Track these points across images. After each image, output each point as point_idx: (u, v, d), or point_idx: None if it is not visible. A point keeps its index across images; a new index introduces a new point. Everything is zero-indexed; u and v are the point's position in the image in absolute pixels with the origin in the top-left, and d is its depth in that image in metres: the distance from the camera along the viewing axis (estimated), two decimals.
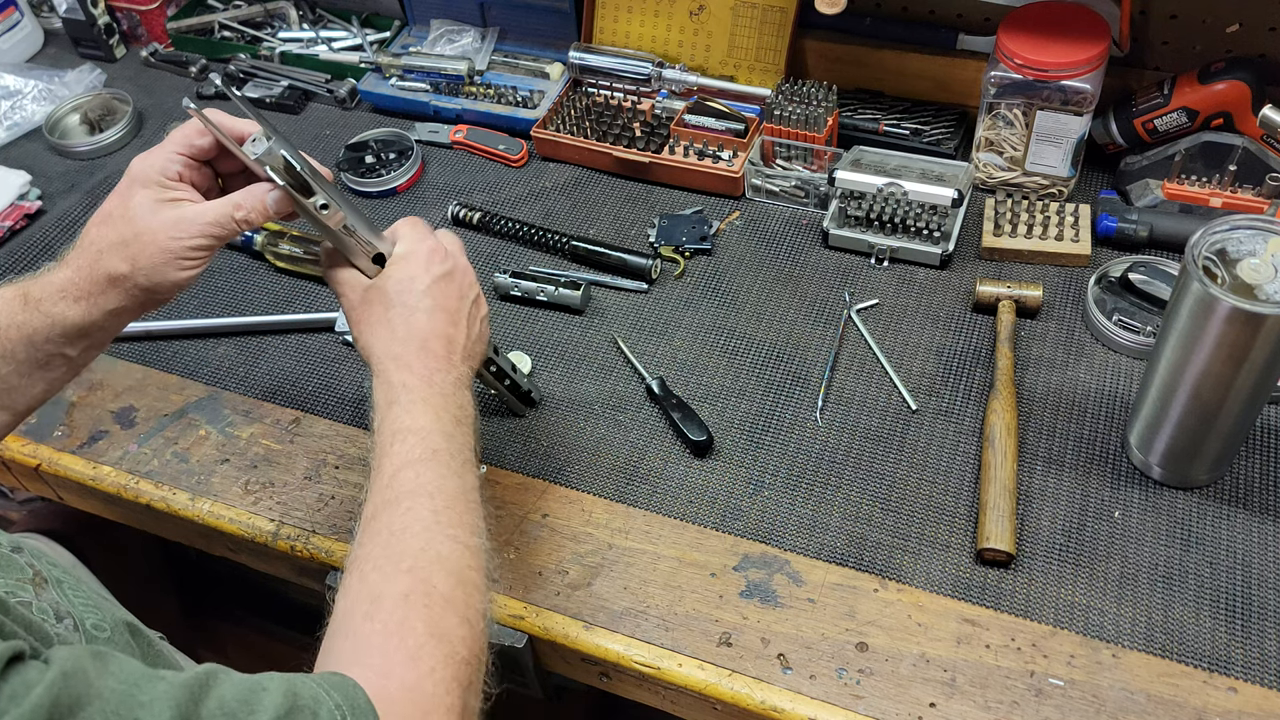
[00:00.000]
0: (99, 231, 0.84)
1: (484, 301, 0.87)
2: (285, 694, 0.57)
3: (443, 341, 0.81)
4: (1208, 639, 0.86)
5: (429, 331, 0.80)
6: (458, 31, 1.50)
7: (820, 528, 0.96)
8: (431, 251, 0.83)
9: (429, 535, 0.71)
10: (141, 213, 0.82)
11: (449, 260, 0.84)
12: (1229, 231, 0.84)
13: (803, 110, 1.23)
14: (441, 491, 0.74)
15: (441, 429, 0.77)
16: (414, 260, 0.82)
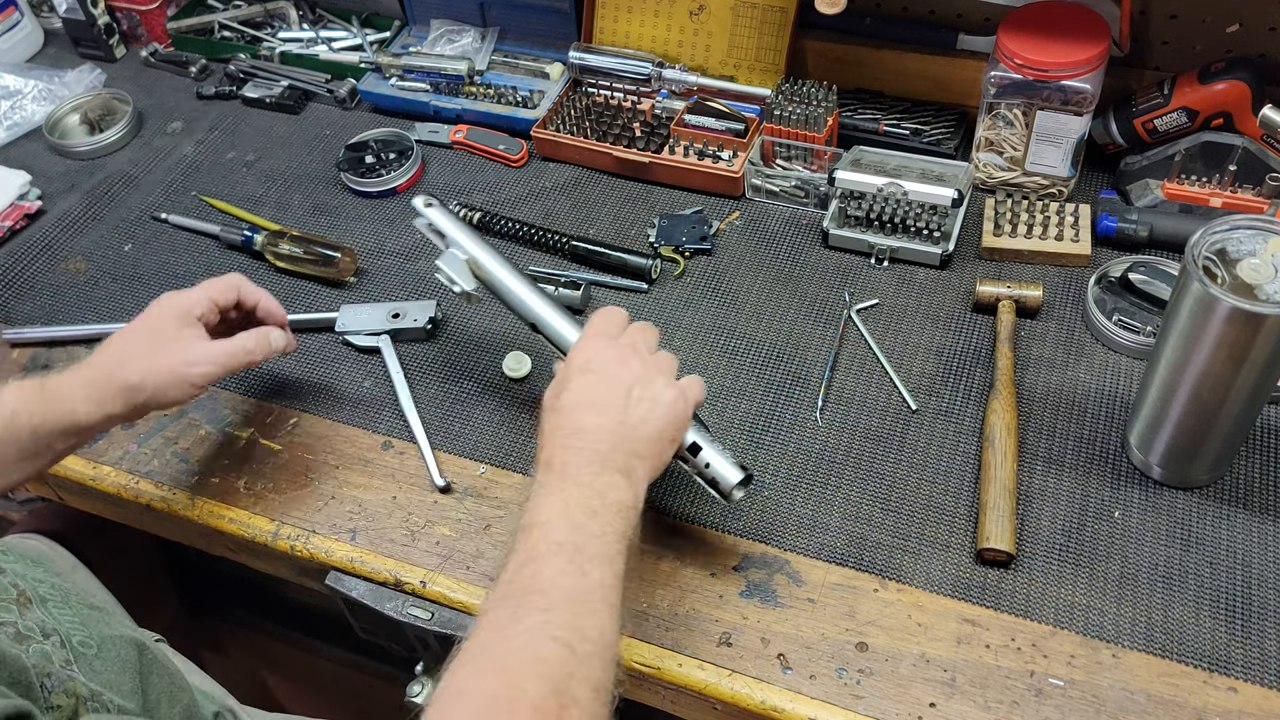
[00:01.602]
0: (124, 342, 0.93)
1: (665, 387, 0.83)
2: None
3: (581, 433, 0.79)
4: (1208, 639, 0.86)
5: (571, 419, 0.80)
6: (458, 31, 1.50)
7: (820, 528, 0.96)
8: (590, 340, 0.86)
9: (531, 636, 0.67)
10: (165, 337, 0.93)
11: (604, 349, 0.84)
12: (1229, 231, 0.84)
13: (803, 110, 1.23)
14: (556, 589, 0.70)
15: (569, 521, 0.74)
16: (571, 359, 0.86)
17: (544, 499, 0.76)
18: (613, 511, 0.75)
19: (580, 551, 0.72)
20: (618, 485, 0.77)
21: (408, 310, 1.17)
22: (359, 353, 1.16)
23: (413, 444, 1.06)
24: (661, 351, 0.88)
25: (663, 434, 0.82)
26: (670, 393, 0.83)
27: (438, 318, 1.17)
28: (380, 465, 1.05)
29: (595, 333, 0.87)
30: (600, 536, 0.74)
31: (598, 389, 0.82)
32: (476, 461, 1.04)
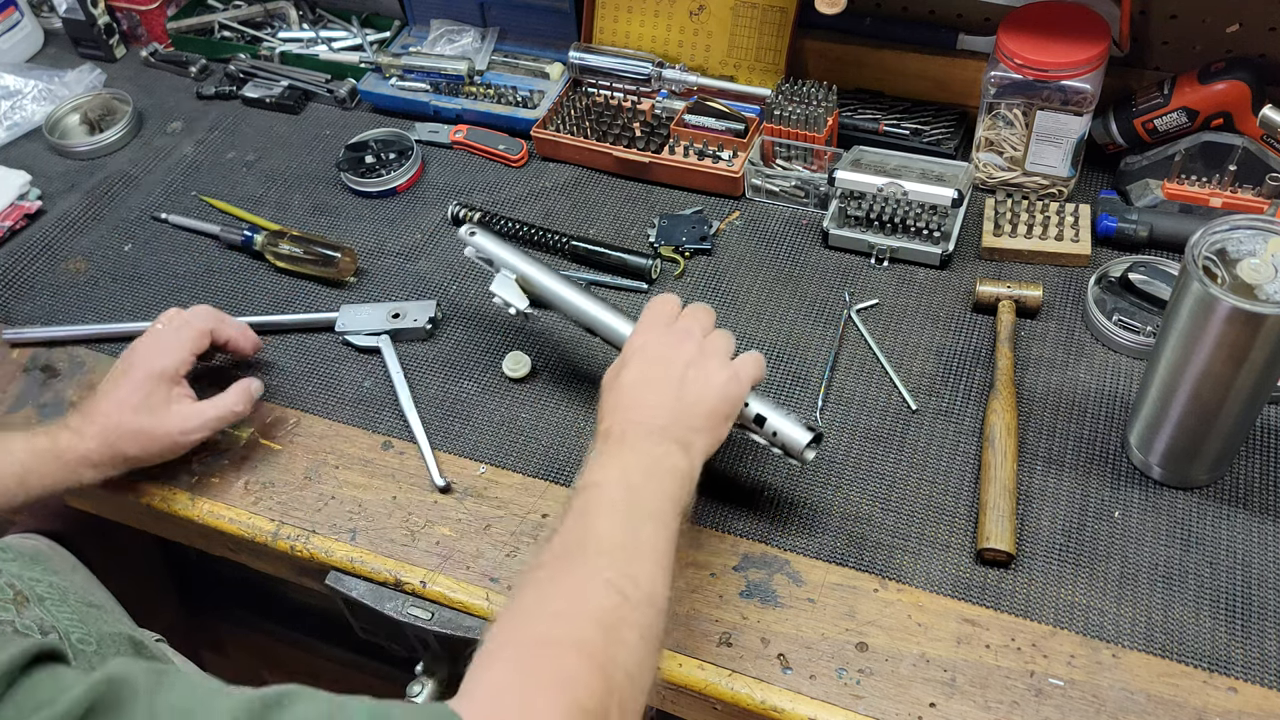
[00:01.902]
0: (120, 418, 0.97)
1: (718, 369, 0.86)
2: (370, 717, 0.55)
3: (639, 407, 0.83)
4: (1208, 639, 0.86)
5: (630, 396, 0.84)
6: (458, 31, 1.50)
7: (820, 528, 0.96)
8: (647, 327, 0.90)
9: (583, 579, 0.69)
10: (157, 408, 0.98)
11: (659, 334, 0.88)
12: (1229, 231, 0.84)
13: (803, 110, 1.23)
14: (609, 540, 0.72)
15: (625, 481, 0.77)
16: (629, 343, 0.90)
17: (601, 463, 0.79)
18: (669, 477, 0.78)
19: (635, 509, 0.75)
20: (674, 454, 0.80)
21: (408, 310, 1.17)
22: (359, 353, 1.16)
23: (413, 444, 1.06)
24: (717, 331, 0.90)
25: (716, 411, 0.85)
26: (724, 374, 0.86)
27: (438, 318, 1.17)
28: (380, 465, 1.05)
29: (651, 319, 0.91)
30: (655, 498, 0.76)
31: (654, 369, 0.86)
32: (476, 461, 1.04)
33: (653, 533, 0.74)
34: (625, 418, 0.82)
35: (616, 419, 0.83)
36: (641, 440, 0.80)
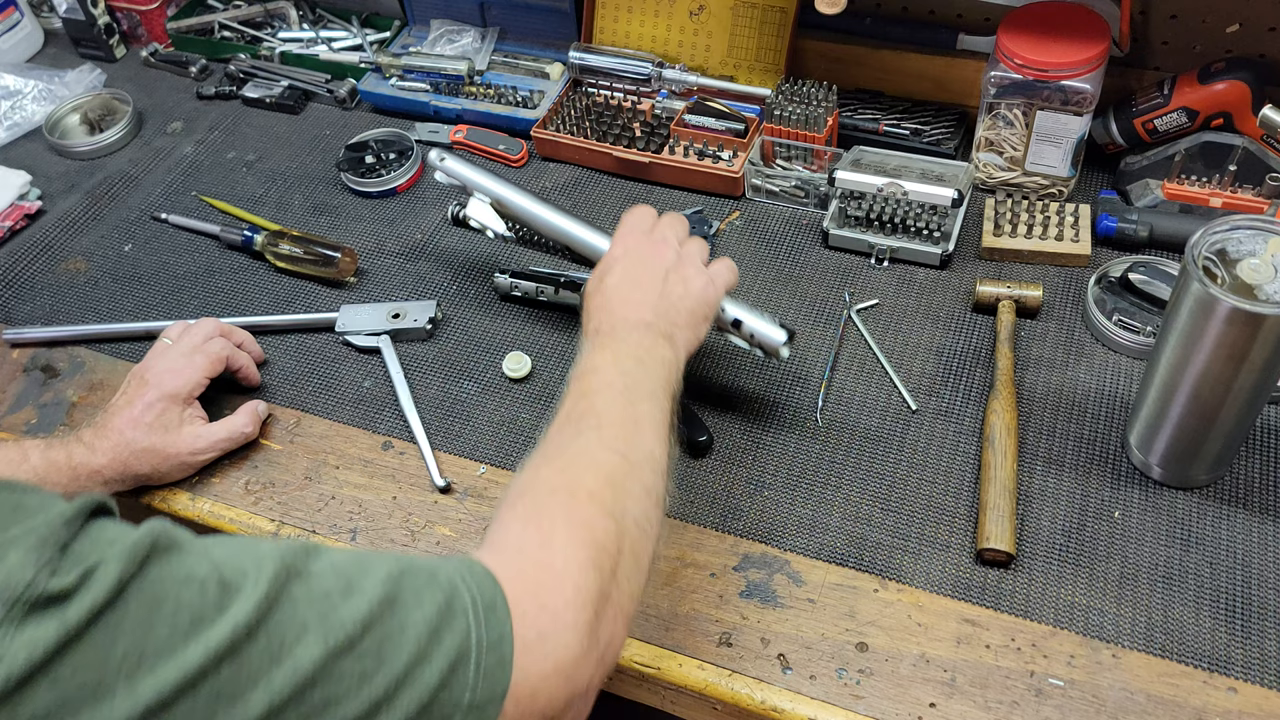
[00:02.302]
0: (132, 435, 0.98)
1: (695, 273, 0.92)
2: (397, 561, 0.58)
3: (626, 304, 0.88)
4: (1208, 639, 0.86)
5: (616, 296, 0.89)
6: (458, 31, 1.50)
7: (820, 528, 0.96)
8: (626, 234, 0.95)
9: (588, 446, 0.74)
10: (170, 428, 1.00)
11: (639, 241, 0.94)
12: (1229, 231, 0.84)
13: (803, 110, 1.23)
14: (608, 413, 0.77)
15: (619, 366, 0.82)
16: (610, 251, 0.95)
17: (594, 354, 0.84)
18: (658, 364, 0.84)
19: (630, 389, 0.80)
20: (661, 345, 0.86)
21: (408, 310, 1.17)
22: (359, 353, 1.16)
23: (413, 444, 1.06)
24: (692, 239, 0.96)
25: (696, 311, 0.91)
26: (701, 278, 0.92)
27: (438, 318, 1.17)
28: (380, 465, 1.05)
29: (630, 228, 0.96)
30: (648, 380, 0.82)
31: (637, 271, 0.91)
32: (476, 461, 1.04)
33: (649, 409, 0.79)
34: (613, 315, 0.87)
35: (604, 317, 0.88)
36: (630, 333, 0.85)
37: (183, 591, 0.48)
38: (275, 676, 0.48)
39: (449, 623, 0.56)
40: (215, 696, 0.46)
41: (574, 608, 0.63)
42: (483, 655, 0.57)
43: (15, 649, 0.42)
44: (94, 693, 0.44)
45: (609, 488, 0.71)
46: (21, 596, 0.43)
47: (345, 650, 0.51)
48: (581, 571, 0.64)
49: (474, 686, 0.56)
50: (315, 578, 0.53)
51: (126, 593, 0.46)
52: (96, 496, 0.51)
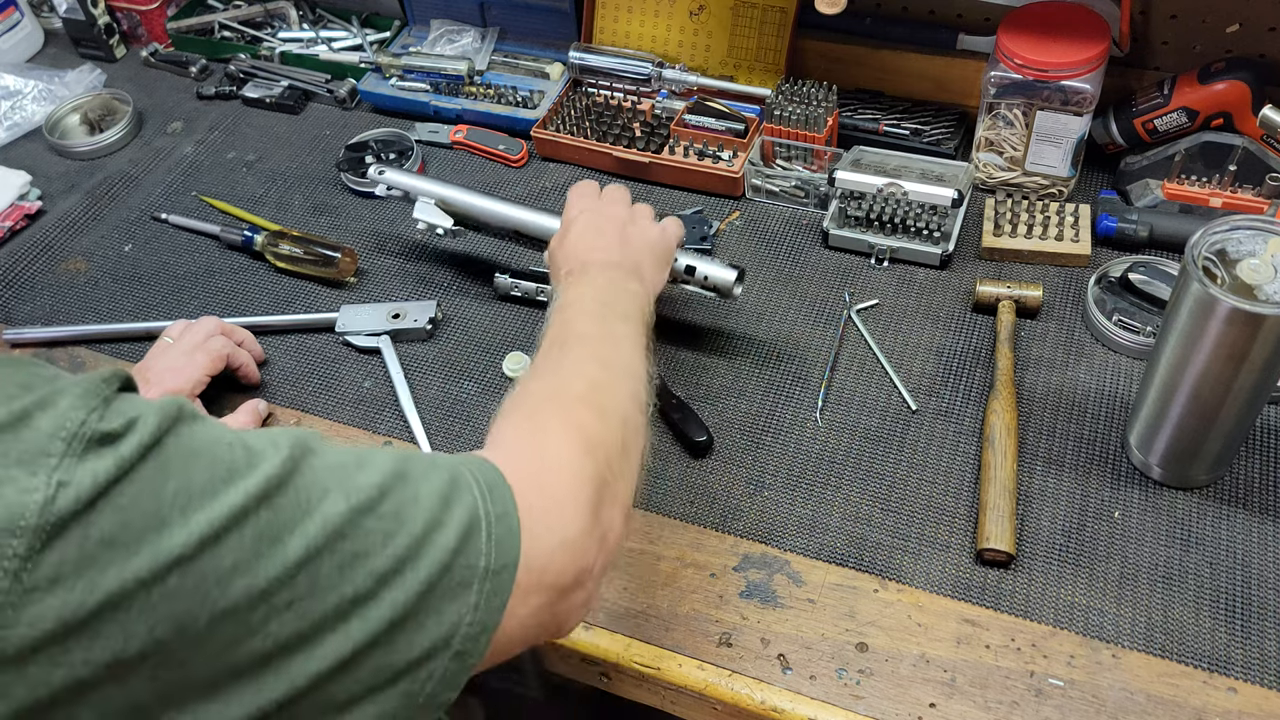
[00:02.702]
0: None
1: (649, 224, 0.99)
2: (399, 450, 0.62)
3: (593, 250, 0.94)
4: (1208, 639, 0.86)
5: (581, 243, 0.95)
6: (458, 31, 1.50)
7: (820, 528, 0.96)
8: (578, 199, 1.02)
9: (573, 360, 0.80)
10: None
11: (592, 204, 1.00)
12: (1229, 231, 0.84)
13: (803, 110, 1.23)
14: (590, 333, 0.83)
15: (596, 297, 0.88)
16: (565, 215, 1.02)
17: (569, 290, 0.89)
18: (629, 296, 0.89)
19: (607, 314, 0.86)
20: (630, 279, 0.92)
21: (408, 310, 1.17)
22: (359, 353, 1.16)
23: (413, 444, 1.06)
24: (639, 204, 1.02)
25: (656, 253, 0.98)
26: (655, 228, 1.00)
27: (438, 318, 1.17)
28: None
29: (579, 194, 1.03)
30: (622, 307, 0.87)
31: (596, 223, 0.97)
32: None
33: (626, 329, 0.85)
34: (582, 259, 0.93)
35: (574, 262, 0.93)
36: (600, 271, 0.91)
37: (214, 448, 0.52)
38: (308, 525, 0.52)
39: (457, 495, 0.60)
40: (258, 536, 0.50)
41: (573, 488, 0.67)
42: (492, 526, 0.60)
43: (81, 475, 0.46)
44: (152, 521, 0.48)
45: (595, 391, 0.76)
46: (78, 433, 0.48)
47: (367, 510, 0.55)
48: (577, 458, 0.69)
49: (488, 553, 0.59)
50: (329, 454, 0.57)
51: (165, 442, 0.50)
52: (125, 372, 0.54)
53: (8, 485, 0.45)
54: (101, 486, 0.47)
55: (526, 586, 0.61)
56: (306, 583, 0.52)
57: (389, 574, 0.55)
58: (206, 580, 0.49)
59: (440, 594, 0.57)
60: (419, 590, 0.56)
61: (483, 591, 0.59)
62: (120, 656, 0.47)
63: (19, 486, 0.45)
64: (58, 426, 0.48)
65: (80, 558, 0.46)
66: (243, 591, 0.50)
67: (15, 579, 0.44)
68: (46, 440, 0.47)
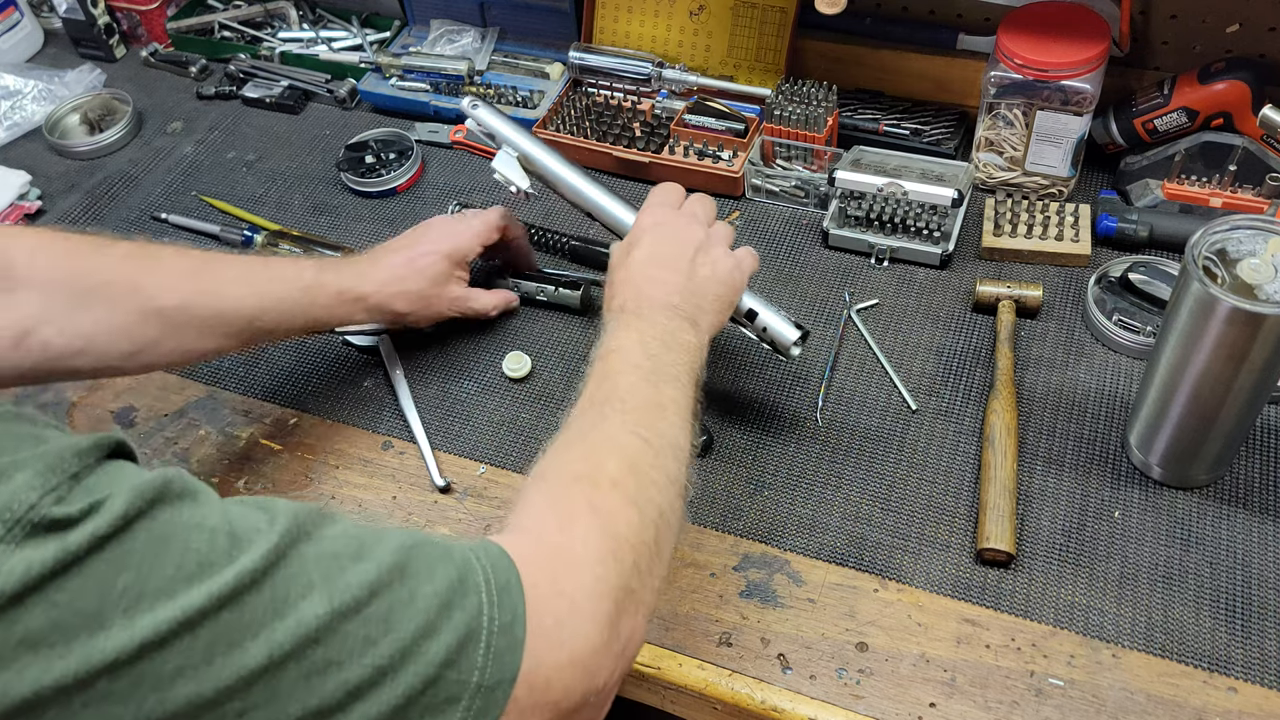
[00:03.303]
0: (404, 274, 1.04)
1: (723, 255, 0.91)
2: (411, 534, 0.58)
3: (653, 283, 0.86)
4: (1208, 639, 0.86)
5: (642, 273, 0.87)
6: (458, 31, 1.50)
7: (820, 528, 0.96)
8: (654, 207, 0.93)
9: (611, 430, 0.73)
10: (439, 281, 1.05)
11: (669, 217, 0.92)
12: (1229, 231, 0.84)
13: (803, 110, 1.23)
14: (633, 397, 0.76)
15: (644, 349, 0.80)
16: (638, 223, 0.93)
17: (619, 332, 0.82)
18: (682, 348, 0.82)
19: (655, 373, 0.78)
20: (686, 329, 0.84)
21: None
22: (359, 353, 1.16)
23: (413, 444, 1.06)
24: (719, 222, 0.95)
25: (722, 297, 0.90)
26: (728, 261, 0.91)
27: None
28: (380, 465, 1.05)
29: (659, 202, 0.94)
30: (672, 364, 0.80)
31: (666, 248, 0.89)
32: (476, 461, 1.04)
33: (673, 393, 0.78)
34: (639, 293, 0.86)
35: (629, 294, 0.86)
36: (656, 314, 0.84)
37: (191, 537, 0.48)
38: (277, 629, 0.48)
39: (460, 599, 0.55)
40: (213, 642, 0.46)
41: (593, 597, 0.61)
42: (494, 636, 0.55)
43: (12, 564, 0.42)
44: (90, 621, 0.43)
45: (632, 475, 0.69)
46: (23, 518, 0.43)
47: (351, 612, 0.50)
48: (601, 561, 0.62)
49: (483, 667, 0.54)
50: (326, 540, 0.53)
51: (133, 529, 0.46)
52: (116, 436, 0.50)
53: None
54: (33, 580, 0.42)
55: (526, 705, 0.56)
56: (264, 693, 0.47)
57: (362, 686, 0.50)
58: (142, 686, 0.44)
59: (419, 710, 0.52)
60: (394, 704, 0.51)
61: (471, 709, 0.53)
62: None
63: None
64: (3, 506, 0.43)
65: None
66: (184, 700, 0.45)
67: None
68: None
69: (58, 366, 0.87)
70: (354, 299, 1.00)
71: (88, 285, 0.87)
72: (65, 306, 0.85)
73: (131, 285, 0.88)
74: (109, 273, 0.88)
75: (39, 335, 0.84)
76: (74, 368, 0.88)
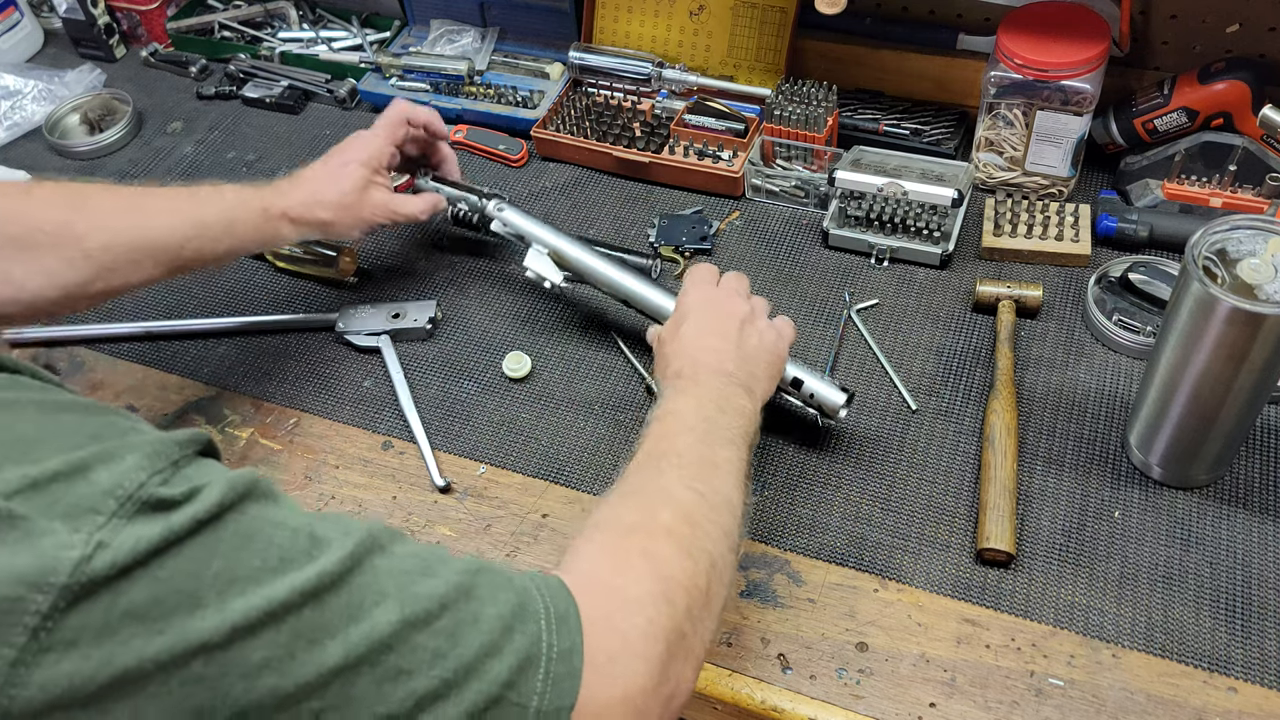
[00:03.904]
0: (321, 186, 1.05)
1: (767, 327, 0.93)
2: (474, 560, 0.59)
3: (707, 352, 0.88)
4: (1208, 639, 0.86)
5: (695, 345, 0.89)
6: (458, 31, 1.50)
7: (820, 527, 0.96)
8: (696, 285, 0.96)
9: (668, 484, 0.74)
10: (356, 187, 1.06)
11: (712, 293, 0.95)
12: (1229, 231, 0.84)
13: (803, 110, 1.23)
14: (689, 454, 0.77)
15: (700, 412, 0.81)
16: (682, 301, 0.95)
17: (676, 397, 0.83)
18: (737, 412, 0.83)
19: (711, 435, 0.79)
20: (741, 395, 0.85)
21: (408, 310, 1.17)
22: (359, 353, 1.16)
23: (413, 444, 1.06)
24: (756, 296, 0.97)
25: (770, 364, 0.92)
26: (772, 332, 0.94)
27: (438, 318, 1.17)
28: (380, 465, 1.05)
29: (699, 280, 0.97)
30: (727, 428, 0.81)
31: (714, 321, 0.91)
32: (476, 461, 1.04)
33: (729, 454, 0.78)
34: (695, 361, 0.87)
35: (685, 363, 0.87)
36: (712, 379, 0.85)
37: (276, 533, 0.50)
38: (353, 632, 0.49)
39: (521, 623, 0.56)
40: (296, 636, 0.48)
41: (646, 638, 0.61)
42: (552, 663, 0.56)
43: (122, 539, 0.44)
44: (187, 601, 0.45)
45: (687, 525, 0.70)
46: (133, 495, 0.46)
47: (421, 624, 0.52)
48: (655, 604, 0.63)
49: (542, 693, 0.55)
50: (397, 556, 0.54)
51: (225, 519, 0.48)
52: (208, 435, 0.53)
53: (46, 538, 0.43)
54: (142, 555, 0.45)
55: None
56: (339, 694, 0.49)
57: (428, 697, 0.51)
58: (231, 673, 0.46)
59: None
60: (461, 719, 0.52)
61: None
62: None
63: (57, 541, 0.43)
64: (115, 484, 0.46)
65: (103, 626, 0.44)
66: (267, 691, 0.47)
67: (34, 636, 0.42)
68: (100, 497, 0.45)
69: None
70: (278, 215, 1.02)
71: (15, 232, 0.87)
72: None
73: (58, 229, 0.89)
74: (35, 217, 0.88)
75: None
76: (6, 315, 0.89)
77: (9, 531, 0.43)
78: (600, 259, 1.08)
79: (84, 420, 0.49)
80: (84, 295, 0.91)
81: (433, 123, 1.16)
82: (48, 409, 0.49)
